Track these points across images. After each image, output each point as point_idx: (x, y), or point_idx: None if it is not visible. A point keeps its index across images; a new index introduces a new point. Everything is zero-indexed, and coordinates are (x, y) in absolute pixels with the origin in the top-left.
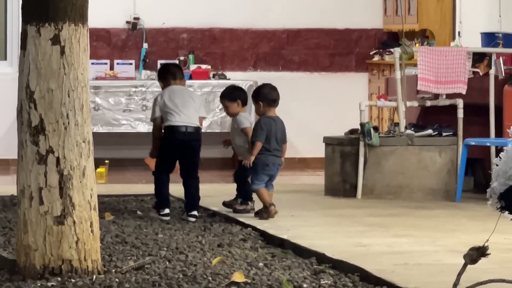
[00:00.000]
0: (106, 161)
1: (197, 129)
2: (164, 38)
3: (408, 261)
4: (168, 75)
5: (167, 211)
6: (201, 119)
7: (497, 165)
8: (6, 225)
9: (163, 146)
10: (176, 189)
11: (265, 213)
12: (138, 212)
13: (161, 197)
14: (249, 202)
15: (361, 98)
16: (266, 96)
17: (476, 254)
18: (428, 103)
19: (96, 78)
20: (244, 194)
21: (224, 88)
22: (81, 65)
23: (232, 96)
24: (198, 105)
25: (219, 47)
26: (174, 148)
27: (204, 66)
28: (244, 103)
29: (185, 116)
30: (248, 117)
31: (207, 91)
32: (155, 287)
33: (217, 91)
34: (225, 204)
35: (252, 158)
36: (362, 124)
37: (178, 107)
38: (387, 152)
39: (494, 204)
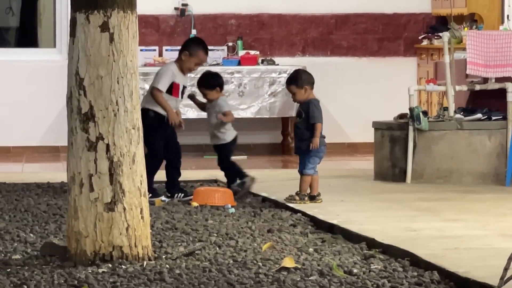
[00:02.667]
0: None
1: None
2: (213, 24)
3: (459, 246)
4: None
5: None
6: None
7: None
8: (57, 212)
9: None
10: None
11: (301, 199)
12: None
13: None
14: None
15: (410, 82)
16: (309, 80)
17: None
18: (477, 87)
19: (145, 65)
20: (234, 175)
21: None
22: (130, 52)
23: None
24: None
25: (267, 32)
26: None
27: (252, 52)
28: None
29: None
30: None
31: (255, 77)
32: (205, 272)
33: (265, 76)
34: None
35: (317, 140)
36: (411, 109)
37: None
38: (436, 136)
39: None
